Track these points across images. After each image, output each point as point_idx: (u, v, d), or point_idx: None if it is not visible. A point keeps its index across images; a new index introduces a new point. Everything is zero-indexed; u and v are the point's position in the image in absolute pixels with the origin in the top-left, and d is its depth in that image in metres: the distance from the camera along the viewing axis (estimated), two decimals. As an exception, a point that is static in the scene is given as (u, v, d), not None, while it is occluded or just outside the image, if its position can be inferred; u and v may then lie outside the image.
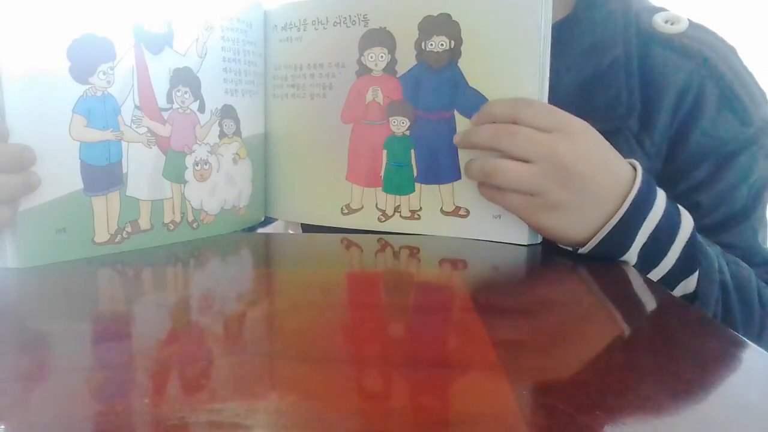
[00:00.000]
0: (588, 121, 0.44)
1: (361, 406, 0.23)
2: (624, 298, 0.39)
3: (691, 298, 0.47)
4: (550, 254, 0.47)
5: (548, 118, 0.44)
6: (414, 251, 0.50)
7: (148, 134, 0.46)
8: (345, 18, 0.51)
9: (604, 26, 0.54)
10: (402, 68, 0.50)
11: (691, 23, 0.55)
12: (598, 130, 0.45)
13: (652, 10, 0.56)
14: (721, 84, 0.52)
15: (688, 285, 0.46)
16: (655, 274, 0.45)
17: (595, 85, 0.54)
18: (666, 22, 0.55)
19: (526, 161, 0.43)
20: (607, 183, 0.43)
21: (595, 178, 0.43)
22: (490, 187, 0.46)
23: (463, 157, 0.49)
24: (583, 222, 0.44)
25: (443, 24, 0.48)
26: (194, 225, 0.51)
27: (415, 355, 0.28)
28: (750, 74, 0.55)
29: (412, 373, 0.26)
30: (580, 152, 0.43)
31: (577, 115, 0.44)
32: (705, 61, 0.53)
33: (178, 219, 0.49)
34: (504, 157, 0.44)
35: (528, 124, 0.44)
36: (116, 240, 0.45)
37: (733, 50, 0.55)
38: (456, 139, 0.48)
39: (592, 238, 0.44)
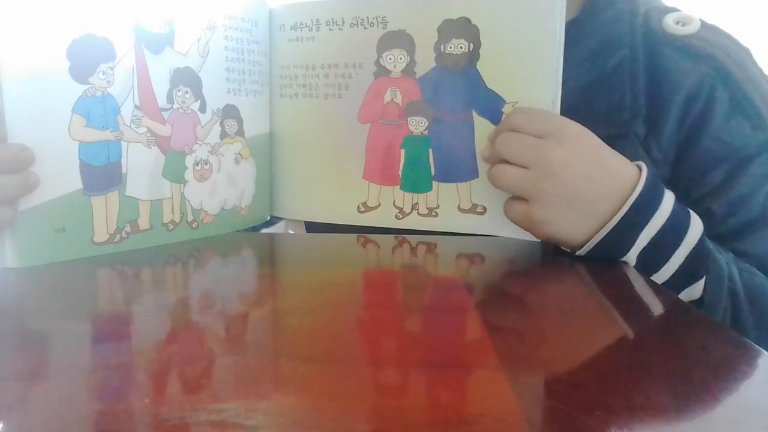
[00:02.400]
0: (591, 126, 0.44)
1: (362, 405, 0.23)
2: (627, 299, 0.39)
3: (696, 305, 0.46)
4: (561, 252, 0.47)
5: (541, 124, 0.44)
6: (426, 248, 0.50)
7: (148, 134, 0.46)
8: (362, 19, 0.52)
9: (609, 28, 0.53)
10: (421, 70, 0.51)
11: (703, 24, 0.54)
12: (602, 135, 0.44)
13: (664, 10, 0.55)
14: (732, 88, 0.51)
15: (693, 292, 0.46)
16: (657, 279, 0.44)
17: (599, 88, 0.53)
18: (677, 23, 0.53)
19: (524, 168, 0.44)
20: (603, 185, 0.43)
21: (589, 181, 0.42)
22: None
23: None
24: (579, 226, 0.43)
25: (462, 27, 0.49)
26: (194, 225, 0.51)
27: (417, 354, 0.28)
28: (765, 77, 0.53)
29: (413, 373, 0.26)
30: (571, 156, 0.42)
31: (580, 120, 0.44)
32: (716, 64, 0.51)
33: (177, 219, 0.49)
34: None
35: (524, 131, 0.44)
36: (115, 240, 0.45)
37: (747, 52, 0.54)
38: (482, 154, 0.49)
39: (589, 240, 0.43)
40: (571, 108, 0.46)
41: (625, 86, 0.52)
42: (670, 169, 0.53)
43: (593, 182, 0.43)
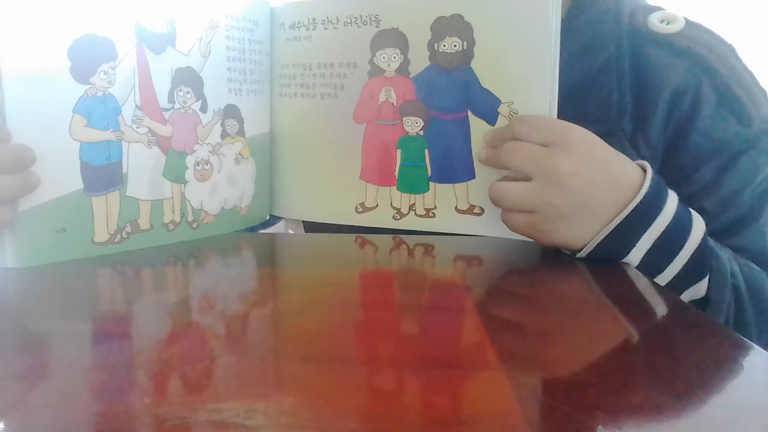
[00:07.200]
0: (580, 124, 0.44)
1: (361, 406, 0.23)
2: (627, 300, 0.39)
3: (702, 303, 0.46)
4: (560, 253, 0.47)
5: (544, 132, 0.43)
6: (424, 249, 0.50)
7: (149, 134, 0.46)
8: (356, 18, 0.51)
9: (595, 27, 0.54)
10: (415, 69, 0.50)
11: (687, 22, 0.55)
12: None
13: (648, 9, 0.56)
14: (718, 84, 0.52)
15: (698, 290, 0.45)
16: (661, 280, 0.44)
17: (586, 87, 0.53)
18: (662, 21, 0.54)
19: (528, 177, 0.43)
20: (608, 190, 0.43)
21: (594, 187, 0.42)
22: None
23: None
24: (583, 230, 0.43)
25: (456, 25, 0.48)
26: (194, 225, 0.51)
27: (417, 355, 0.28)
28: (750, 73, 0.54)
29: (413, 373, 0.26)
30: (577, 164, 0.42)
31: (568, 119, 0.44)
32: (701, 61, 0.52)
33: (177, 219, 0.49)
34: (509, 175, 0.45)
35: (527, 140, 0.44)
36: (116, 240, 0.45)
37: (731, 49, 0.55)
38: (479, 156, 0.49)
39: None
40: (559, 107, 0.46)
41: (612, 84, 0.52)
42: (659, 167, 0.53)
43: (598, 188, 0.42)
